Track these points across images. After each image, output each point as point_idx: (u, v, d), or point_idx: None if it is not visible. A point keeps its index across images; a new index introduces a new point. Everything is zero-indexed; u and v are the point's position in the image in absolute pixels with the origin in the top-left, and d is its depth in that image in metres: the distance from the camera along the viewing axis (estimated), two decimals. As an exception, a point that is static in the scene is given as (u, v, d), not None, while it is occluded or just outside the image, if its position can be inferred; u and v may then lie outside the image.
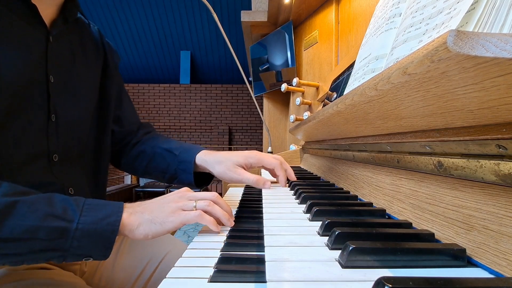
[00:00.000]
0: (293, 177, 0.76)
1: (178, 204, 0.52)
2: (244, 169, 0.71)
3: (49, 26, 0.61)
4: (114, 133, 0.80)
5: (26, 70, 0.54)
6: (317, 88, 1.41)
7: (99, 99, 0.74)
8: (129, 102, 0.86)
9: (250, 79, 2.09)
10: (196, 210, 0.51)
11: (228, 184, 1.07)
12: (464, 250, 0.29)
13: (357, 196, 0.59)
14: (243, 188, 0.97)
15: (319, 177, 0.89)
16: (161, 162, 0.80)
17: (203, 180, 0.81)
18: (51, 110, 0.59)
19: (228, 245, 0.44)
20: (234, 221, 0.56)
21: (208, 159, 0.74)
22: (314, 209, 0.45)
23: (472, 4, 0.36)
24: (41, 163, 0.58)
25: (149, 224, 0.50)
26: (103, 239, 0.47)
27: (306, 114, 1.34)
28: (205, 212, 0.51)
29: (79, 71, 0.68)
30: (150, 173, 0.82)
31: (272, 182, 0.81)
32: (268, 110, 1.95)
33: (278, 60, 1.76)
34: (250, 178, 0.69)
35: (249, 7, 2.07)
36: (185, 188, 0.56)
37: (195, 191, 0.58)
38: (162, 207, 0.51)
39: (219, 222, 0.53)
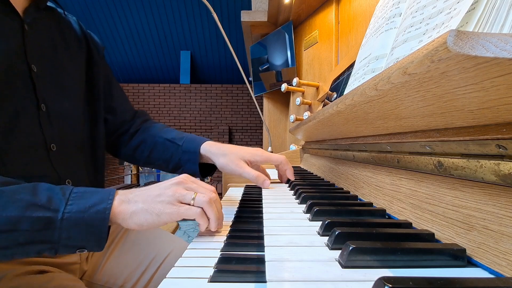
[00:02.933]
0: (291, 177, 0.79)
1: (176, 194, 0.48)
2: (248, 165, 0.72)
3: (22, 14, 0.60)
4: (108, 122, 0.80)
5: (3, 59, 0.54)
6: (317, 88, 1.41)
7: (87, 89, 0.73)
8: (120, 91, 0.86)
9: (250, 79, 2.09)
10: (194, 203, 0.48)
11: (228, 184, 1.07)
12: (464, 250, 0.29)
13: (357, 196, 0.59)
14: (243, 188, 0.97)
15: (319, 177, 0.89)
16: (163, 152, 0.80)
17: (207, 171, 0.82)
18: (39, 100, 0.59)
19: (228, 245, 0.44)
20: (233, 221, 0.56)
21: (214, 150, 0.75)
22: (314, 209, 0.45)
23: (472, 4, 0.36)
24: (39, 153, 0.58)
25: (144, 214, 0.47)
26: (94, 228, 0.45)
27: (306, 114, 1.34)
28: (202, 207, 0.48)
29: (62, 60, 0.67)
30: (153, 162, 0.83)
31: (273, 182, 0.81)
32: (268, 110, 1.95)
33: (278, 60, 1.76)
34: (250, 173, 0.69)
35: (249, 7, 2.07)
36: (184, 175, 0.52)
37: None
38: (158, 196, 0.48)
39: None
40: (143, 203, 0.47)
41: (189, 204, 0.48)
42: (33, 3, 0.63)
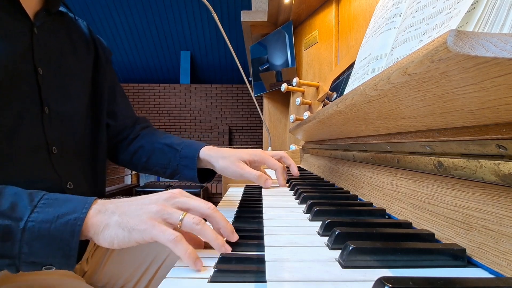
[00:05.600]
0: (296, 172, 0.78)
1: (162, 210, 0.40)
2: (248, 165, 0.72)
3: (32, 18, 0.60)
4: (109, 127, 0.80)
5: (10, 61, 0.54)
6: (317, 88, 1.41)
7: (92, 93, 0.74)
8: (124, 96, 0.86)
9: (250, 79, 2.09)
10: (182, 226, 0.39)
11: (228, 184, 1.07)
12: (464, 250, 0.28)
13: (357, 196, 0.59)
14: (243, 188, 0.97)
15: (319, 177, 0.89)
16: (161, 157, 0.79)
17: (205, 177, 0.81)
18: (43, 102, 0.59)
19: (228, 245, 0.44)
20: (233, 220, 0.55)
21: (213, 153, 0.74)
22: (314, 209, 0.45)
23: (472, 4, 0.36)
24: (41, 156, 0.58)
25: (116, 229, 0.39)
26: (61, 243, 0.38)
27: (306, 114, 1.34)
28: (192, 232, 0.40)
29: (69, 64, 0.68)
30: (150, 168, 0.82)
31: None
32: (268, 110, 1.95)
33: (278, 60, 1.75)
34: (252, 173, 0.69)
35: (249, 7, 2.07)
36: (178, 190, 0.44)
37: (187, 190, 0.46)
38: (140, 209, 0.40)
39: (209, 246, 0.41)
40: (119, 216, 0.40)
41: (176, 225, 0.40)
42: (45, 7, 0.63)
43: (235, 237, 0.41)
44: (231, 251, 0.40)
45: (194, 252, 0.36)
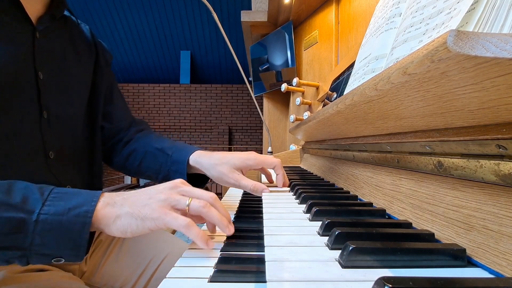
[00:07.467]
0: (280, 184, 0.73)
1: (169, 198, 0.43)
2: (242, 172, 0.68)
3: (35, 22, 0.60)
4: (104, 129, 0.79)
5: (10, 64, 0.54)
6: (317, 88, 1.41)
7: (91, 95, 0.74)
8: (121, 99, 0.85)
9: (250, 79, 2.09)
10: (189, 210, 0.43)
11: (228, 184, 1.06)
12: (464, 250, 0.28)
13: (357, 196, 0.59)
14: (243, 188, 0.97)
15: (319, 177, 0.89)
16: (153, 162, 0.77)
17: (199, 182, 0.78)
18: (42, 106, 0.59)
19: (228, 245, 0.44)
20: (233, 220, 0.55)
21: (203, 161, 0.70)
22: (314, 209, 0.45)
23: (472, 4, 0.36)
24: (38, 160, 0.58)
25: (129, 219, 0.42)
26: (72, 234, 0.40)
27: (306, 114, 1.34)
28: (200, 214, 0.44)
29: (71, 68, 0.67)
30: (143, 173, 0.79)
31: (270, 186, 0.79)
32: (268, 110, 1.95)
33: (278, 60, 1.76)
34: (247, 184, 0.65)
35: (249, 7, 2.07)
36: (180, 180, 0.47)
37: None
38: (148, 199, 0.43)
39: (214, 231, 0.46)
40: (129, 207, 0.43)
41: (184, 210, 0.43)
42: (49, 12, 0.63)
43: (231, 228, 0.45)
44: (230, 252, 0.40)
45: (205, 234, 0.41)
